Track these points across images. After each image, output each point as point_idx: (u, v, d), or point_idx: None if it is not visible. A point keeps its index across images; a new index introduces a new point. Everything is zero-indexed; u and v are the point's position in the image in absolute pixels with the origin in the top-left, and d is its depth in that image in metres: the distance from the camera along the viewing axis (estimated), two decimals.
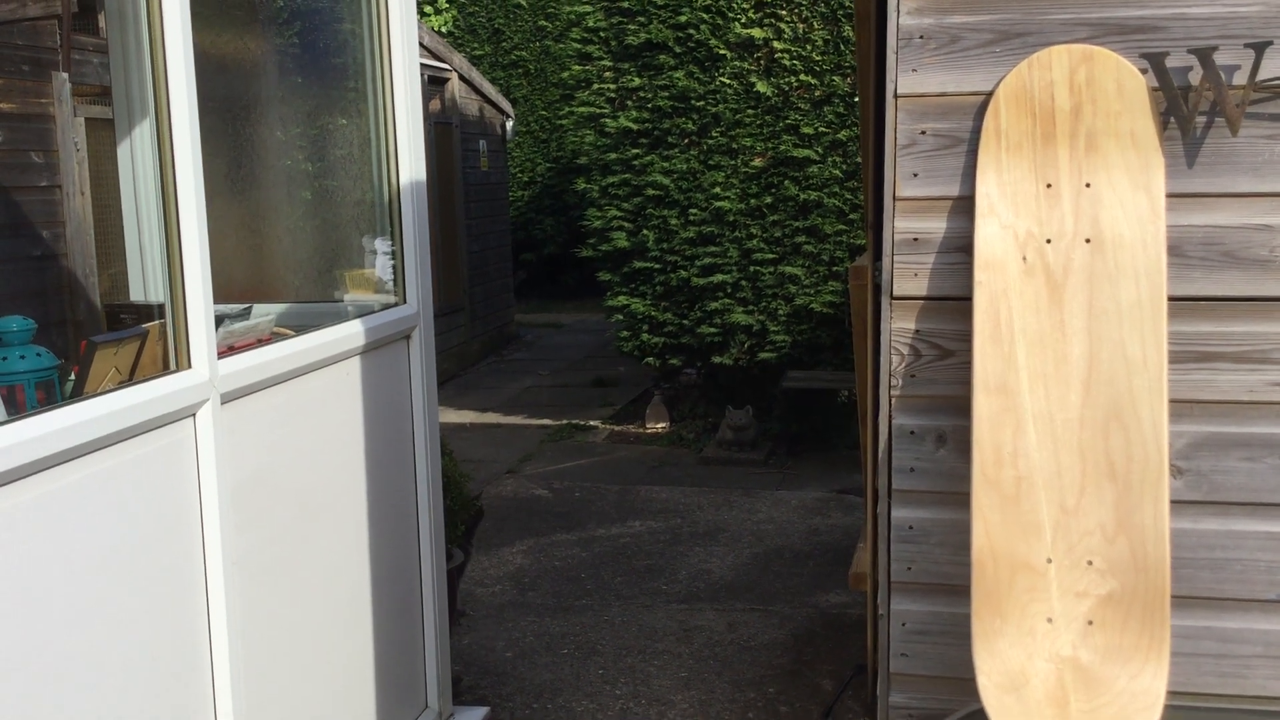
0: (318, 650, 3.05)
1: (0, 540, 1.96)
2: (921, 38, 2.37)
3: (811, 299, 8.01)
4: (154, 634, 2.37)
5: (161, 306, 2.58)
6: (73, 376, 2.70)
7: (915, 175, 2.40)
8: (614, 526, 6.40)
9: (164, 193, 2.51)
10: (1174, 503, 2.30)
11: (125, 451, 2.27)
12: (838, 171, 7.89)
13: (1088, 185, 2.28)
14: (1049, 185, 2.29)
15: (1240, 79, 2.27)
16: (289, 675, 2.89)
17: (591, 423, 9.03)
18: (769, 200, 8.02)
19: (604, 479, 7.42)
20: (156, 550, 2.38)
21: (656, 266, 8.33)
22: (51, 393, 2.69)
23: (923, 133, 2.39)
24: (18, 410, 2.55)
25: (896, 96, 2.40)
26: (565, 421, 9.07)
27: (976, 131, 2.35)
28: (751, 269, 8.12)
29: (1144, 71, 2.30)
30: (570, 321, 14.76)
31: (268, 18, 4.62)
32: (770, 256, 8.06)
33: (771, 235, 8.07)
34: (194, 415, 2.49)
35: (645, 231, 8.30)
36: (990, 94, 2.35)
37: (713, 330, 8.25)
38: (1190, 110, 2.30)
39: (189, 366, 2.51)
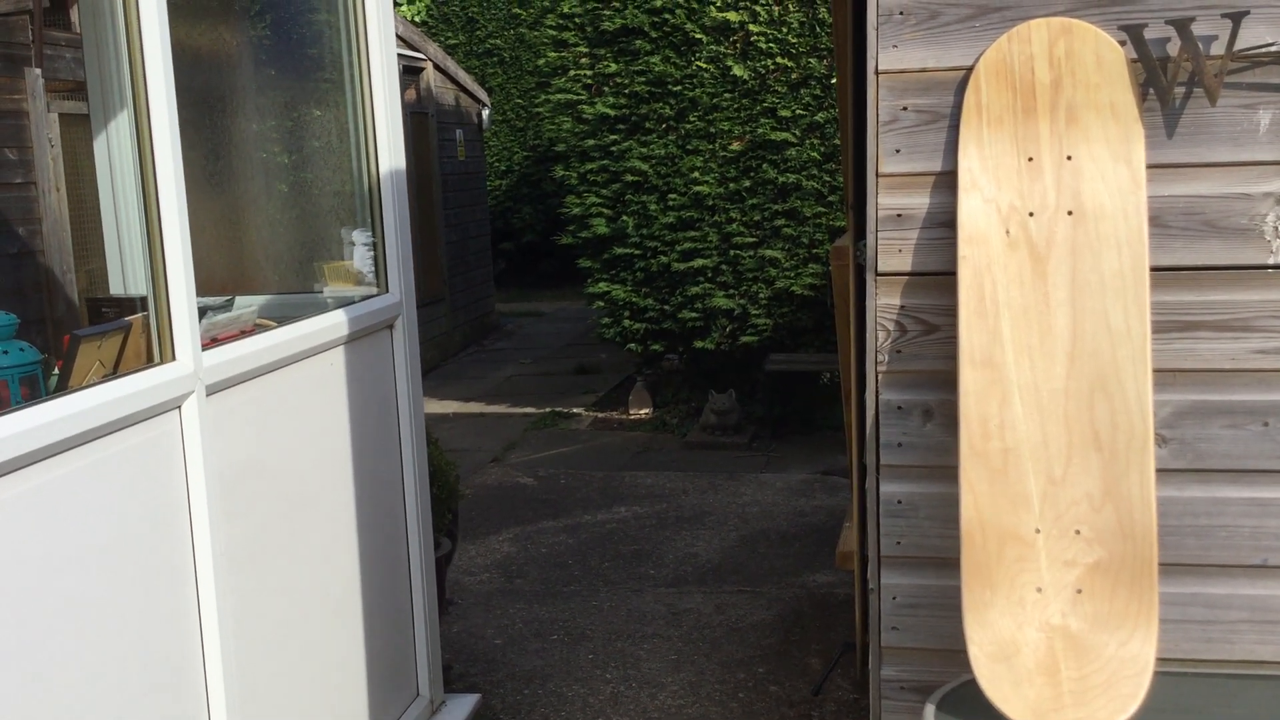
0: (309, 640, 3.04)
1: None
2: (901, 14, 2.38)
3: (792, 282, 8.02)
4: (145, 627, 2.36)
5: (144, 299, 2.57)
6: (56, 371, 2.69)
7: (898, 151, 2.41)
8: (600, 513, 6.41)
9: (144, 185, 2.50)
10: (1159, 471, 2.32)
11: (111, 445, 2.27)
12: (816, 154, 7.89)
13: (1069, 158, 2.29)
14: (1030, 159, 2.30)
15: (1218, 49, 2.28)
16: (281, 665, 2.89)
17: (575, 410, 9.03)
18: (748, 184, 8.03)
19: (588, 466, 7.42)
20: (145, 543, 2.37)
21: (636, 252, 8.33)
22: (36, 388, 2.67)
23: (904, 109, 2.40)
24: (2, 406, 2.53)
25: (878, 73, 2.40)
26: (548, 409, 9.07)
27: (958, 106, 2.36)
28: (731, 253, 8.13)
29: (1123, 43, 2.31)
30: (551, 310, 14.75)
31: (242, 9, 4.59)
32: (750, 240, 8.07)
33: (751, 219, 8.07)
34: (179, 407, 2.49)
35: (625, 218, 8.29)
36: (971, 69, 2.35)
37: (694, 315, 8.26)
38: (1169, 81, 2.31)
39: (173, 359, 2.50)
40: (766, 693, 4.21)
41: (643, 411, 8.72)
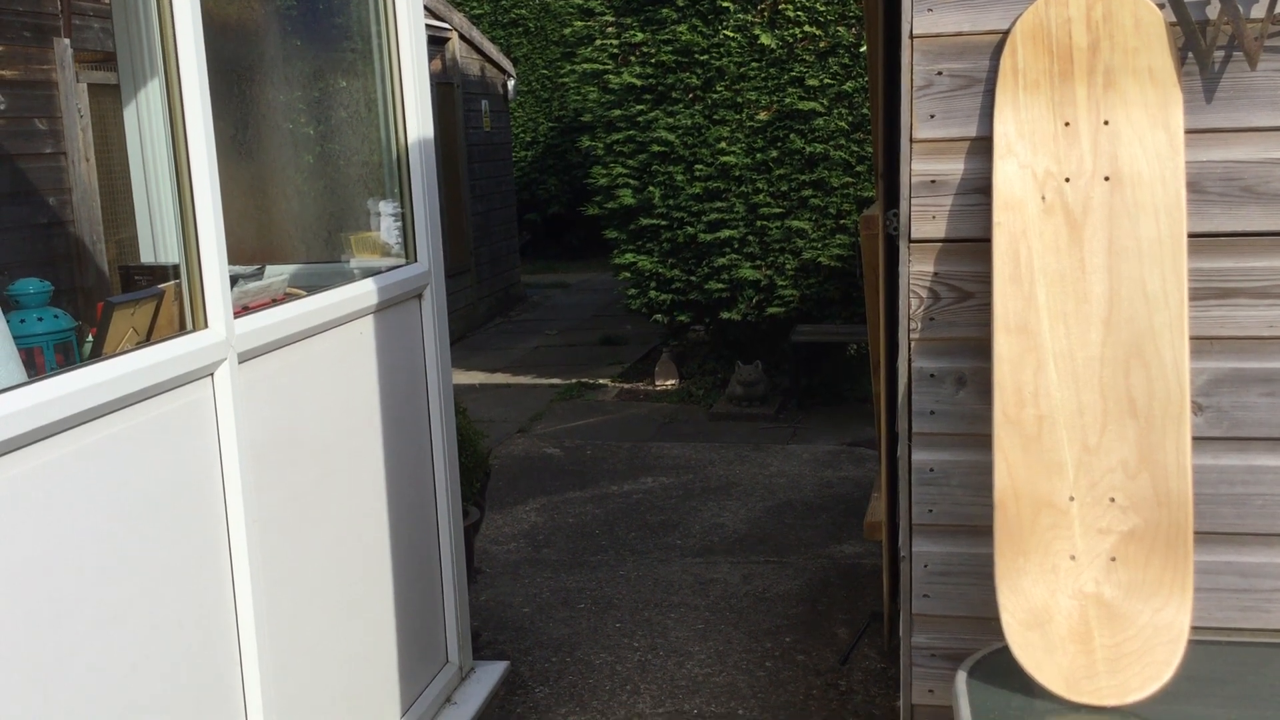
0: (340, 607, 3.07)
1: (26, 501, 1.97)
2: None
3: (819, 253, 7.99)
4: (180, 592, 2.38)
5: (176, 267, 2.58)
6: (90, 338, 2.70)
7: (932, 117, 2.38)
8: (626, 483, 6.42)
9: (175, 153, 2.50)
10: (1195, 439, 2.30)
11: (145, 411, 2.28)
12: (844, 124, 7.84)
13: (1106, 123, 2.27)
14: (1067, 123, 2.28)
15: (1259, 12, 2.25)
16: (314, 632, 2.91)
17: (601, 381, 9.04)
18: (775, 154, 7.98)
19: (615, 436, 7.43)
20: (179, 509, 2.39)
21: (663, 223, 8.31)
22: (70, 354, 2.69)
23: (939, 73, 2.37)
24: (37, 372, 2.55)
25: (912, 37, 2.38)
26: (574, 380, 9.08)
27: (993, 71, 2.33)
28: (758, 224, 8.09)
29: (1161, 6, 2.28)
30: (576, 281, 14.74)
31: None
32: (777, 211, 8.03)
33: (778, 189, 8.03)
34: (212, 375, 2.50)
35: (651, 188, 8.27)
36: (1007, 32, 2.32)
37: (720, 286, 8.24)
38: (1208, 45, 2.27)
39: (205, 326, 2.51)
40: (794, 662, 4.21)
41: (669, 383, 8.72)
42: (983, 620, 2.43)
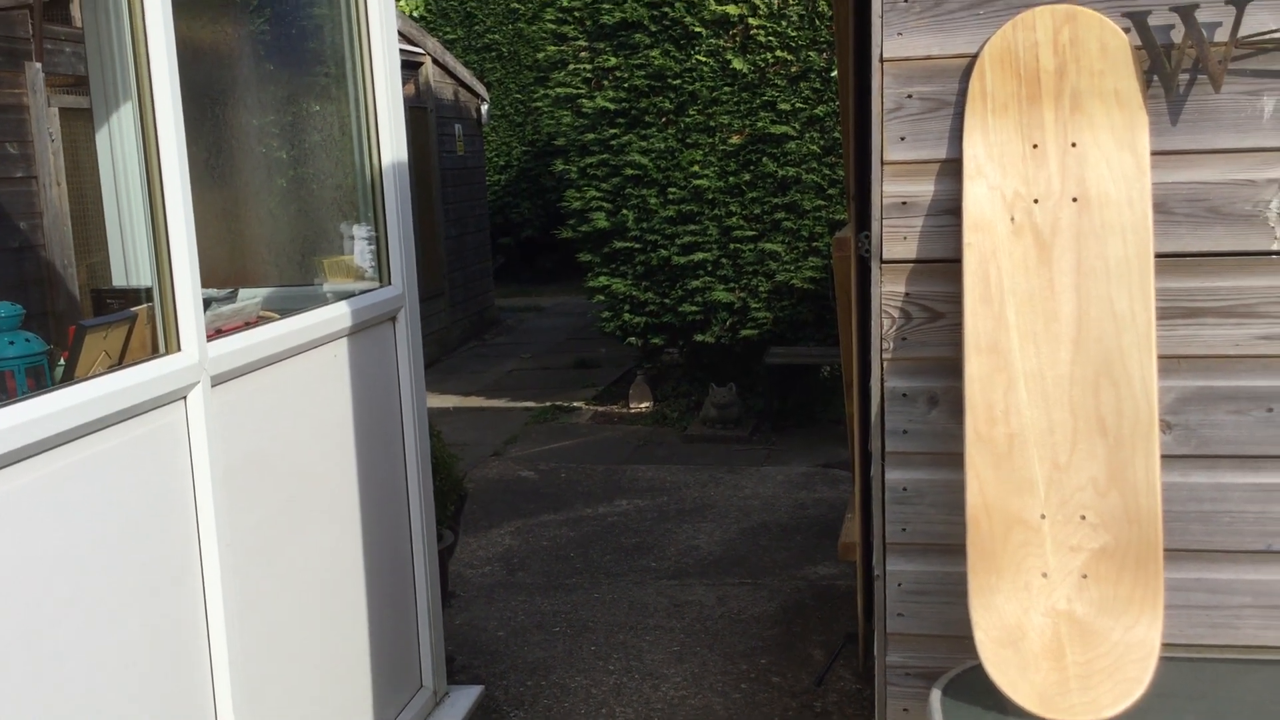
0: (314, 631, 3.05)
1: None
2: (905, 1, 2.38)
3: (792, 275, 8.03)
4: (151, 617, 2.37)
5: (148, 290, 2.57)
6: (62, 362, 2.69)
7: (902, 139, 2.41)
8: (601, 506, 6.42)
9: (148, 176, 2.50)
10: (1164, 457, 2.33)
11: (118, 435, 2.27)
12: (815, 147, 7.89)
13: (1073, 145, 2.30)
14: (1035, 145, 2.31)
15: (1222, 35, 2.29)
16: (286, 657, 2.89)
17: (575, 404, 9.03)
18: (747, 177, 8.03)
19: (589, 459, 7.43)
20: (151, 533, 2.37)
21: (637, 246, 8.33)
22: (41, 378, 2.68)
23: (909, 96, 2.40)
24: (8, 396, 2.53)
25: (882, 61, 2.41)
26: (549, 403, 9.07)
27: (962, 94, 2.36)
28: (731, 246, 8.13)
29: (1127, 30, 2.31)
30: (550, 304, 14.74)
31: (242, 2, 4.58)
32: (750, 233, 8.07)
33: (751, 212, 8.07)
34: (185, 398, 2.49)
35: (625, 211, 8.29)
36: (975, 56, 2.36)
37: (694, 308, 8.26)
38: (1173, 68, 2.31)
39: (179, 349, 2.50)
40: (769, 684, 4.21)
41: (643, 405, 8.72)
42: (957, 638, 2.44)
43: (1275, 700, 2.27)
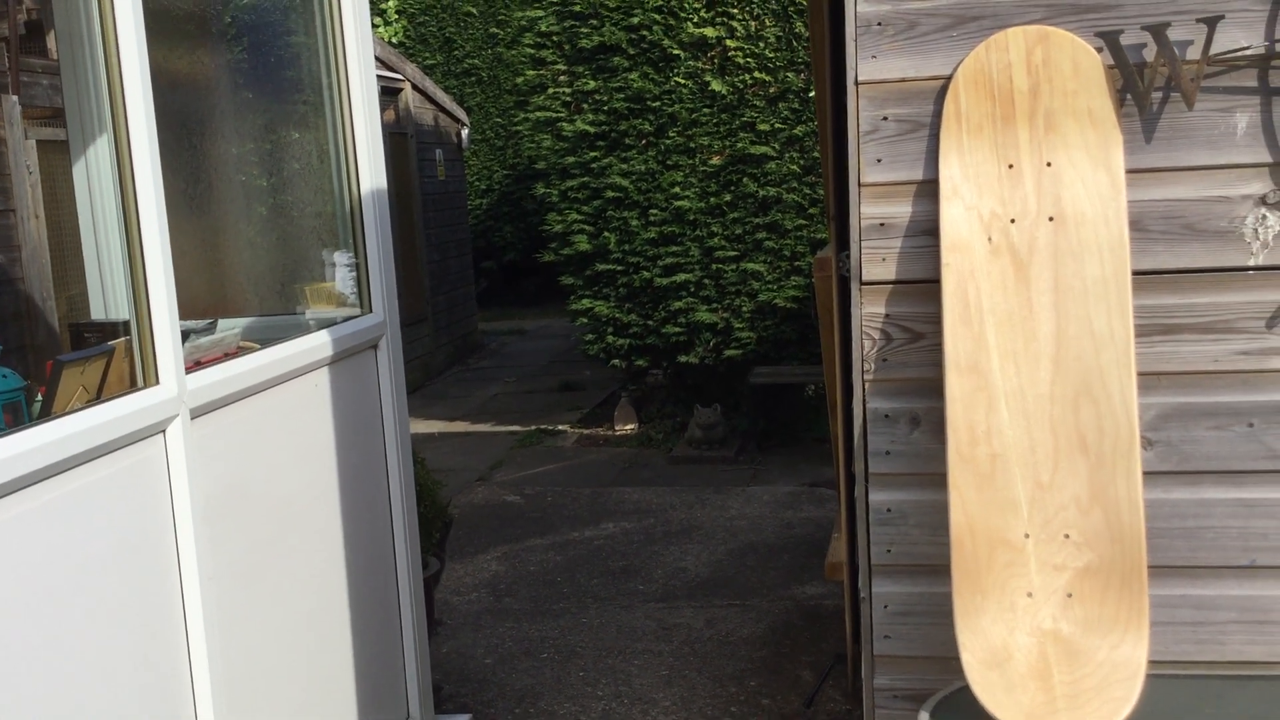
0: (297, 662, 3.02)
1: None
2: (880, 24, 2.39)
3: (775, 294, 8.04)
4: (133, 652, 2.34)
5: (126, 324, 2.56)
6: (39, 397, 2.67)
7: (879, 161, 2.42)
8: (587, 529, 6.40)
9: (125, 208, 2.49)
10: (1146, 474, 2.33)
11: (96, 470, 2.25)
12: (795, 167, 7.92)
13: (1049, 164, 2.31)
14: (1011, 165, 2.32)
15: (1194, 54, 2.30)
16: (270, 689, 2.87)
17: (560, 427, 9.01)
18: (728, 198, 8.05)
19: (575, 482, 7.41)
20: (131, 568, 2.35)
21: (619, 268, 8.34)
22: (19, 414, 2.66)
23: (885, 118, 2.41)
24: None
25: (858, 84, 2.42)
26: (534, 427, 9.05)
27: (938, 115, 2.37)
28: (714, 267, 8.14)
29: (1099, 50, 2.33)
30: (533, 328, 14.73)
31: (219, 32, 4.58)
32: (732, 254, 8.09)
33: (732, 232, 8.09)
34: (164, 431, 2.47)
35: (606, 234, 8.30)
36: (949, 78, 2.37)
37: (677, 330, 8.27)
38: (1146, 86, 2.33)
39: (157, 382, 2.49)
40: (759, 706, 4.20)
41: (628, 427, 8.71)
42: (944, 660, 2.43)
43: (1262, 716, 2.27)
